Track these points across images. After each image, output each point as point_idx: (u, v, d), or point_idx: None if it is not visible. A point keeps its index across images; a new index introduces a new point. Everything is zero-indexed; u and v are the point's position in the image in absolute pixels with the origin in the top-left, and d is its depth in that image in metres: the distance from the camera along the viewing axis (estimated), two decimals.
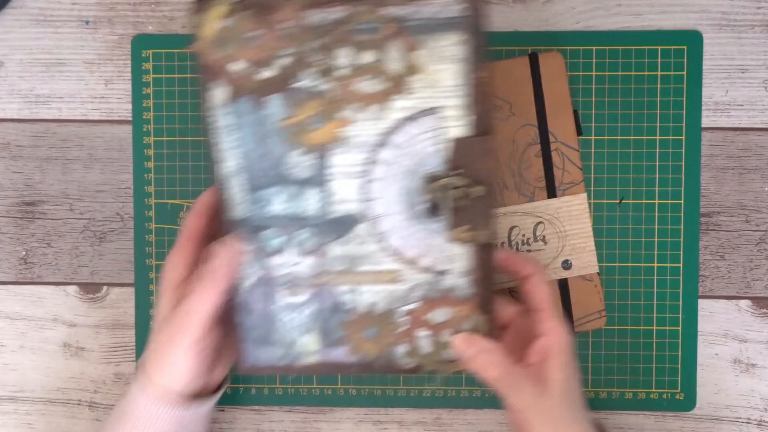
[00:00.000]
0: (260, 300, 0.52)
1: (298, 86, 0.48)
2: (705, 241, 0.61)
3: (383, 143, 0.49)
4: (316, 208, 0.50)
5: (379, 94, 0.48)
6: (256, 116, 0.49)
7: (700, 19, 0.61)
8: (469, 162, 0.48)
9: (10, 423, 0.63)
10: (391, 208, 0.50)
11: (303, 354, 0.53)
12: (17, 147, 0.63)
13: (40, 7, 0.62)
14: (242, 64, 0.48)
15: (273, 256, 0.51)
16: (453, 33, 0.46)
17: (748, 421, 0.62)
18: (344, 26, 0.46)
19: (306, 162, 0.49)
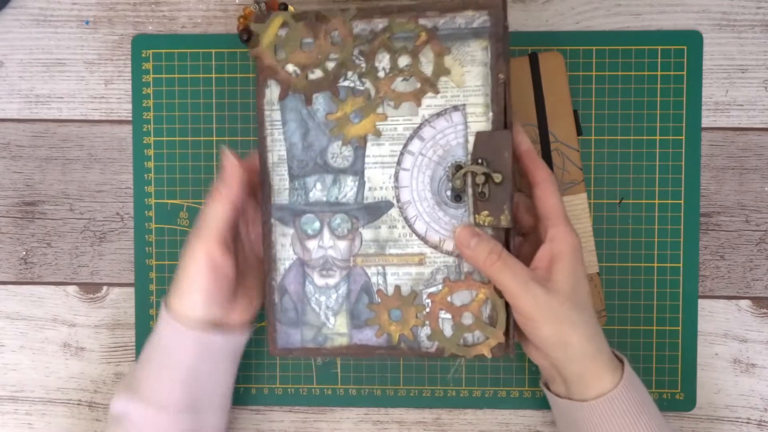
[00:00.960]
0: (295, 282, 0.56)
1: (342, 85, 0.54)
2: (705, 241, 0.62)
3: (414, 136, 0.54)
4: (352, 195, 0.55)
5: (412, 93, 0.54)
6: (303, 112, 0.55)
7: (700, 19, 0.61)
8: (489, 154, 0.53)
9: (10, 423, 0.63)
10: (419, 195, 0.54)
11: (332, 336, 0.56)
12: (17, 147, 0.63)
13: (40, 7, 0.62)
14: (294, 67, 0.54)
15: (310, 240, 0.55)
16: (477, 40, 0.53)
17: (748, 421, 0.62)
18: (385, 34, 0.53)
19: (345, 152, 0.55)
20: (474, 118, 0.53)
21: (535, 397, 0.62)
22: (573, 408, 0.53)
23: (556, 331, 0.51)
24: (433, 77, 0.53)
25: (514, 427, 0.62)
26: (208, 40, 0.61)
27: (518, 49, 0.61)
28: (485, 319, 0.54)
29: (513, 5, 0.61)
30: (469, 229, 0.52)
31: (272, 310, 0.56)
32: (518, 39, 0.61)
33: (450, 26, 0.53)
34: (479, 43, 0.53)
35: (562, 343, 0.51)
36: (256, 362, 0.62)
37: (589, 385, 0.52)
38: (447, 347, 0.54)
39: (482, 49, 0.53)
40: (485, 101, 0.53)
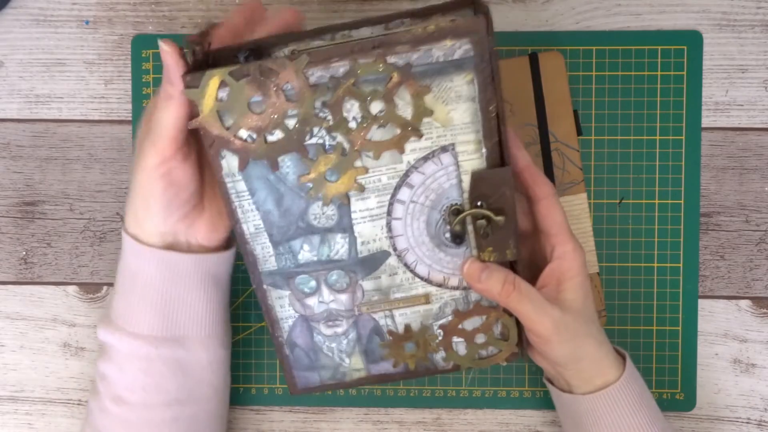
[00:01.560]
0: (303, 335, 0.54)
1: (311, 143, 0.47)
2: (705, 241, 0.61)
3: (401, 185, 0.49)
4: (344, 251, 0.51)
5: (392, 141, 0.47)
6: (271, 178, 0.48)
7: (700, 19, 0.61)
8: (488, 192, 0.49)
9: (10, 423, 0.63)
10: (417, 241, 0.51)
11: (350, 371, 0.55)
12: (17, 147, 0.63)
13: (40, 7, 0.62)
14: (247, 132, 0.47)
15: (308, 297, 0.52)
16: (461, 73, 0.46)
17: (748, 421, 0.62)
18: (348, 80, 0.45)
19: (328, 212, 0.49)
20: (466, 156, 0.48)
21: (535, 397, 0.62)
22: (576, 402, 0.53)
23: (572, 348, 0.52)
24: (414, 120, 0.46)
25: (514, 427, 0.62)
26: None
27: (518, 49, 0.61)
28: (497, 335, 0.54)
29: (513, 5, 0.61)
30: (477, 263, 0.50)
31: (286, 361, 0.55)
32: (518, 39, 0.61)
33: (426, 61, 0.45)
34: (463, 77, 0.45)
35: (576, 357, 0.52)
36: (256, 362, 0.62)
37: (592, 381, 0.53)
38: (463, 363, 0.55)
39: (467, 83, 0.46)
40: (477, 138, 0.47)
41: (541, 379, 0.61)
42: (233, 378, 0.62)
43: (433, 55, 0.45)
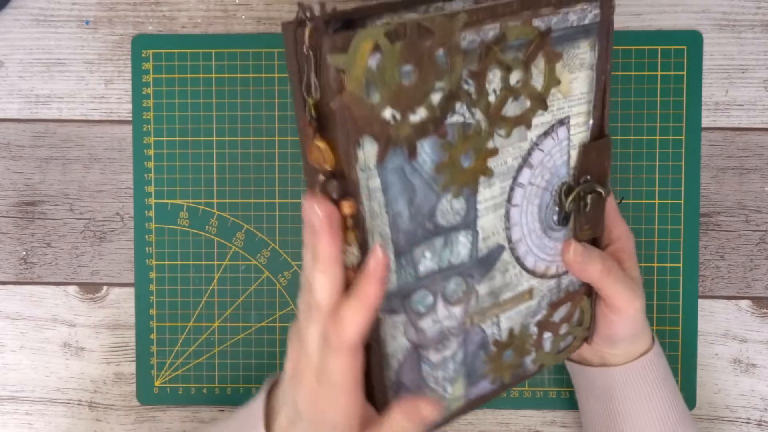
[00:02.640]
0: (410, 371, 0.45)
1: (451, 122, 0.40)
2: (705, 241, 0.61)
3: (523, 166, 0.45)
4: (465, 253, 0.45)
5: (522, 115, 0.43)
6: (407, 169, 0.40)
7: (700, 19, 0.61)
8: (592, 166, 0.47)
9: (10, 423, 0.63)
10: (528, 228, 0.47)
11: (450, 403, 0.49)
12: (17, 147, 0.63)
13: (40, 7, 0.62)
14: (392, 110, 0.38)
15: (422, 319, 0.45)
16: (587, 39, 0.44)
17: (748, 421, 0.62)
18: (497, 45, 0.40)
19: (456, 206, 0.43)
20: (576, 129, 0.46)
21: (535, 397, 0.62)
22: (606, 374, 0.54)
23: (640, 325, 0.53)
24: (544, 91, 0.43)
25: (514, 427, 0.62)
26: (208, 40, 0.61)
27: None
28: (575, 322, 0.53)
29: None
30: (579, 245, 0.49)
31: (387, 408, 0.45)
32: None
33: (562, 25, 0.43)
34: (588, 43, 0.44)
35: (637, 334, 0.53)
36: (256, 362, 0.62)
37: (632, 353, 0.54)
38: (547, 361, 0.53)
39: (590, 49, 0.45)
40: (588, 109, 0.46)
41: (541, 379, 0.61)
42: (233, 378, 0.62)
43: (569, 19, 0.43)
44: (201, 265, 0.62)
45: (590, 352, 0.55)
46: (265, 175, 0.61)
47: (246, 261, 0.62)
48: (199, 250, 0.62)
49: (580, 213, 0.48)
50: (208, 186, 0.62)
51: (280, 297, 0.62)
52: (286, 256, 0.62)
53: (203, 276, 0.62)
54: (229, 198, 0.62)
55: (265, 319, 0.62)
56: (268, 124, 0.61)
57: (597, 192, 0.48)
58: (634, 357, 0.54)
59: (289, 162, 0.61)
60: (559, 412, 0.62)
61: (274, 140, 0.61)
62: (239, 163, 0.61)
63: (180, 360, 0.62)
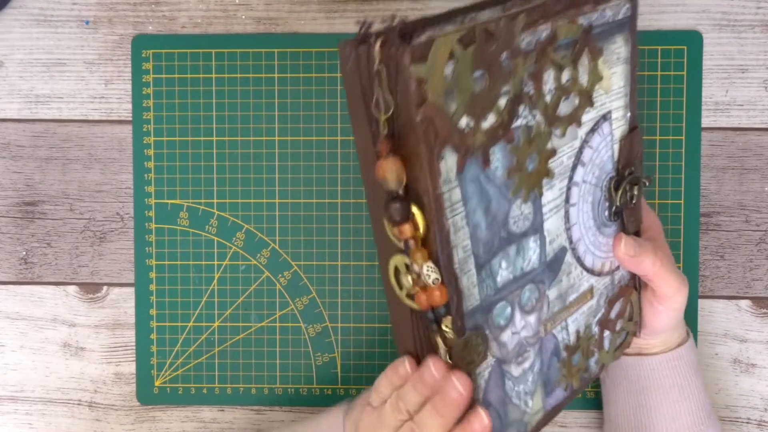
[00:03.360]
0: (496, 388, 0.45)
1: (516, 126, 0.41)
2: (705, 241, 0.61)
3: (576, 164, 0.46)
4: (535, 258, 0.45)
5: (573, 113, 0.44)
6: (482, 178, 0.40)
7: (700, 19, 0.61)
8: (632, 157, 0.48)
9: (10, 423, 0.63)
10: (585, 227, 0.48)
11: (530, 417, 0.48)
12: (17, 147, 0.63)
13: (40, 7, 0.62)
14: (467, 119, 0.38)
15: (503, 332, 0.44)
16: (621, 34, 0.46)
17: (748, 421, 0.62)
18: (550, 45, 0.41)
19: (525, 211, 0.43)
20: (617, 123, 0.47)
21: None
22: (640, 364, 0.54)
23: (680, 315, 0.53)
24: (589, 87, 0.44)
25: None
26: (208, 40, 0.61)
27: None
28: (627, 317, 0.54)
29: None
30: (629, 238, 0.50)
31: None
32: None
33: (601, 21, 0.44)
34: (623, 37, 0.46)
35: (677, 323, 0.54)
36: (256, 362, 0.62)
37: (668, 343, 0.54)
38: (606, 360, 0.53)
39: (625, 43, 0.46)
40: (625, 102, 0.47)
41: None
42: (233, 378, 0.62)
43: (606, 15, 0.44)
44: (201, 265, 0.62)
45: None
46: (265, 175, 0.61)
47: (246, 261, 0.62)
48: (199, 250, 0.62)
49: (627, 206, 0.49)
50: (208, 186, 0.62)
51: (280, 297, 0.62)
52: (286, 256, 0.62)
53: (203, 276, 0.62)
54: (229, 198, 0.62)
55: (265, 319, 0.62)
56: (268, 124, 0.61)
57: (642, 183, 0.49)
58: (671, 347, 0.54)
59: (289, 162, 0.61)
60: None
61: (274, 140, 0.61)
62: (239, 163, 0.61)
63: (180, 360, 0.62)
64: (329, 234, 0.61)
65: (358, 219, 0.61)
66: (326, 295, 0.62)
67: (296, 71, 0.61)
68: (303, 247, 0.61)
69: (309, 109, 0.61)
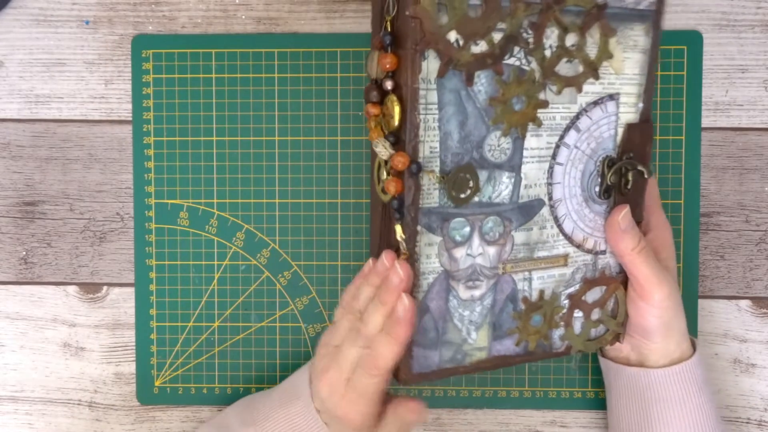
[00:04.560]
0: (438, 297, 0.49)
1: (508, 63, 0.46)
2: (705, 241, 0.61)
3: (571, 127, 0.50)
4: (507, 194, 0.49)
5: (575, 78, 0.49)
6: (463, 94, 0.46)
7: (700, 19, 0.61)
8: (635, 147, 0.51)
9: (10, 423, 0.63)
10: (570, 192, 0.51)
11: (471, 351, 0.51)
12: (17, 147, 0.63)
13: (40, 7, 0.62)
14: (457, 36, 0.45)
15: (457, 248, 0.49)
16: (641, 24, 0.49)
17: (748, 421, 0.62)
18: (557, 5, 0.46)
19: (504, 144, 0.48)
20: (625, 108, 0.51)
21: (535, 397, 0.62)
22: (644, 376, 0.54)
23: (671, 318, 0.53)
24: (596, 61, 0.48)
25: (514, 427, 0.62)
26: (208, 40, 0.61)
27: None
28: (609, 312, 0.54)
29: None
30: (628, 214, 0.52)
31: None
32: None
33: (618, 4, 0.48)
34: (643, 28, 0.50)
35: (669, 328, 0.53)
36: (256, 362, 0.62)
37: (671, 355, 0.54)
38: (575, 344, 0.54)
39: (645, 34, 0.50)
40: (638, 91, 0.51)
41: (541, 379, 0.61)
42: (233, 378, 0.62)
43: (625, 0, 0.48)
44: (201, 265, 0.62)
45: (628, 347, 0.55)
46: (265, 175, 0.61)
47: (246, 261, 0.62)
48: (199, 250, 0.62)
49: (621, 191, 0.51)
50: (208, 186, 0.62)
51: (280, 297, 0.62)
52: (286, 256, 0.62)
53: (203, 276, 0.62)
54: (229, 198, 0.62)
55: (265, 319, 0.62)
56: (268, 124, 0.61)
57: (638, 170, 0.51)
58: (674, 361, 0.54)
59: (289, 162, 0.61)
60: (559, 412, 0.62)
61: (274, 140, 0.61)
62: (239, 163, 0.61)
63: (180, 360, 0.62)
64: (329, 234, 0.61)
65: (358, 219, 0.61)
66: (326, 295, 0.62)
67: (296, 71, 0.61)
68: (303, 247, 0.62)
69: (309, 109, 0.61)
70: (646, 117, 0.51)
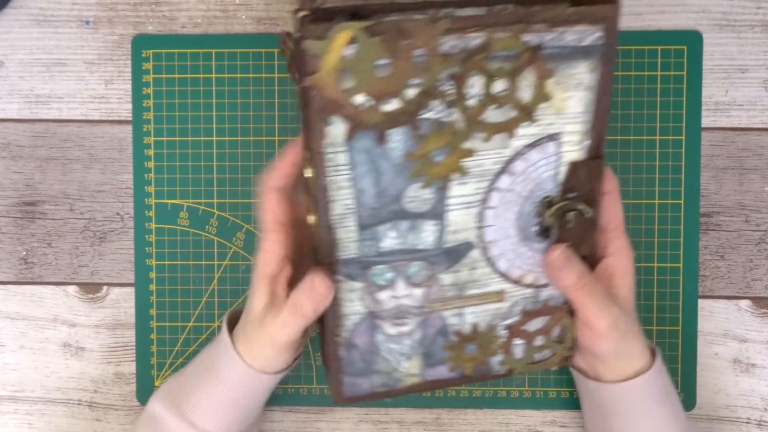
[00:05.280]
0: (364, 335, 0.50)
1: (425, 117, 0.44)
2: (705, 241, 0.62)
3: (503, 171, 0.47)
4: (431, 240, 0.48)
5: (506, 123, 0.45)
6: (376, 152, 0.44)
7: (700, 19, 0.61)
8: (581, 184, 0.48)
9: (10, 423, 0.63)
10: (504, 233, 0.49)
11: (404, 378, 0.52)
12: (17, 147, 0.63)
13: (40, 7, 0.62)
14: (365, 97, 0.42)
15: (381, 291, 0.49)
16: (586, 61, 0.45)
17: (748, 421, 0.62)
18: (480, 54, 0.43)
19: (425, 195, 0.46)
20: (569, 147, 0.47)
21: (535, 397, 0.62)
22: (602, 389, 0.54)
23: (619, 345, 0.52)
24: (531, 104, 0.45)
25: (514, 427, 0.62)
26: (208, 40, 0.61)
27: None
28: (554, 338, 0.54)
29: None
30: (565, 251, 0.50)
31: (338, 365, 0.51)
32: None
33: (557, 43, 0.44)
34: (587, 65, 0.45)
35: (620, 354, 0.52)
36: None
37: (624, 372, 0.53)
38: (516, 368, 0.54)
39: (590, 71, 0.45)
40: (583, 129, 0.47)
41: (541, 379, 0.62)
42: None
43: (565, 38, 0.44)
44: (201, 265, 0.62)
45: (583, 362, 0.55)
46: None
47: (246, 261, 0.62)
48: (199, 250, 0.62)
49: (562, 229, 0.49)
50: (208, 186, 0.62)
51: None
52: None
53: (203, 276, 0.62)
54: (229, 198, 0.62)
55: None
56: (268, 124, 0.61)
57: (578, 210, 0.48)
58: (629, 375, 0.53)
59: None
60: (559, 412, 0.62)
61: (274, 140, 0.61)
62: (239, 163, 0.62)
63: (180, 360, 0.62)
64: None
65: None
66: None
67: None
68: None
69: None
70: (596, 153, 0.48)
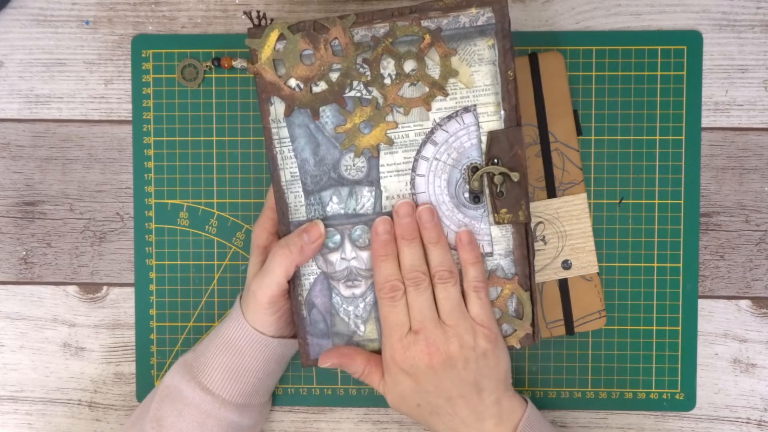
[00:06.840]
0: (321, 295, 0.56)
1: (349, 96, 0.54)
2: (705, 241, 0.61)
3: (426, 141, 0.54)
4: (370, 205, 0.55)
5: (421, 98, 0.54)
6: (311, 127, 0.54)
7: (700, 19, 0.61)
8: (503, 152, 0.54)
9: (10, 423, 0.63)
10: (437, 199, 0.55)
11: (364, 342, 0.57)
12: (17, 147, 0.63)
13: (40, 7, 0.62)
14: (297, 81, 0.54)
15: (331, 253, 0.55)
16: (483, 38, 0.53)
17: (748, 421, 0.62)
18: (387, 40, 0.53)
19: (359, 164, 0.55)
20: (486, 117, 0.54)
21: (536, 397, 0.62)
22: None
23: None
24: (441, 80, 0.53)
25: None
26: (208, 40, 0.61)
27: (518, 49, 0.61)
28: (512, 312, 0.55)
29: (513, 5, 0.61)
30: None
31: (302, 324, 0.56)
32: (518, 39, 0.61)
33: (454, 26, 0.53)
34: (485, 41, 0.53)
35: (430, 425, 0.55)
36: None
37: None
38: None
39: (489, 47, 0.53)
40: (496, 100, 0.53)
41: (540, 378, 0.62)
42: None
43: (461, 21, 0.53)
44: (201, 265, 0.62)
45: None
46: (264, 175, 0.61)
47: (246, 261, 0.62)
48: (199, 250, 0.62)
49: (494, 196, 0.54)
50: (208, 186, 0.62)
51: None
52: None
53: (203, 276, 0.62)
54: (229, 198, 0.62)
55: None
56: None
57: (505, 174, 0.53)
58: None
59: None
60: (559, 412, 0.62)
61: None
62: (239, 163, 0.62)
63: None
64: None
65: None
66: None
67: None
68: None
69: None
70: (514, 122, 0.53)
